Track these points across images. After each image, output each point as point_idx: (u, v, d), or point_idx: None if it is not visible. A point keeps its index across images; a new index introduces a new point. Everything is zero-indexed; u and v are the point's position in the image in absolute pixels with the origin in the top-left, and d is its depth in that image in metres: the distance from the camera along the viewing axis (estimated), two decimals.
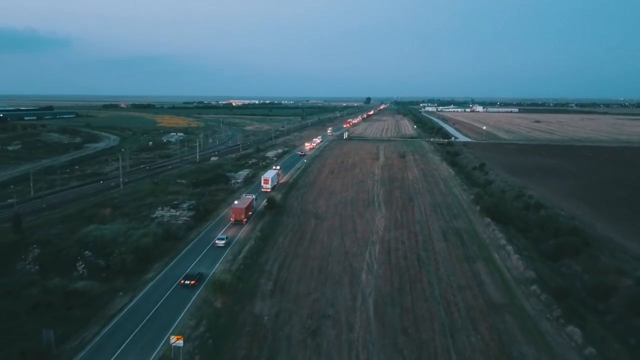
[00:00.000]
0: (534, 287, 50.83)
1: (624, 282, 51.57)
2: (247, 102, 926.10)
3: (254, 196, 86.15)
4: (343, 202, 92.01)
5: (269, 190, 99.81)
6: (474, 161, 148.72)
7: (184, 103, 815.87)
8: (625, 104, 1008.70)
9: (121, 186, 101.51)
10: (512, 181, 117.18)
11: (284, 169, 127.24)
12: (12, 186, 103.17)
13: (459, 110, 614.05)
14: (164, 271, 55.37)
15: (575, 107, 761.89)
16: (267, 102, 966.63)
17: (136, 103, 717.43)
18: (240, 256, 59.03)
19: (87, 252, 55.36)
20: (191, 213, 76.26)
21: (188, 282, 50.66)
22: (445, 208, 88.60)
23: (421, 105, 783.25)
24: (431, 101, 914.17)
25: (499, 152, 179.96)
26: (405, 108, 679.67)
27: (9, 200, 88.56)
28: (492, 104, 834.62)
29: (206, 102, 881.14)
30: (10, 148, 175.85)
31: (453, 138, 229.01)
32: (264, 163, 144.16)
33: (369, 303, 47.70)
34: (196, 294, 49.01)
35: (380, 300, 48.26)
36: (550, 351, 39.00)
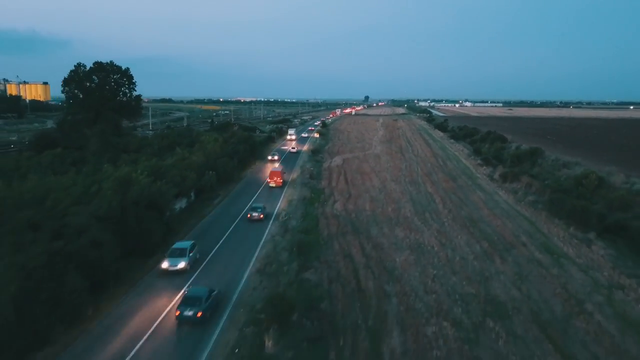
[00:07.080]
0: (451, 139, 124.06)
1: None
2: (254, 99, 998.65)
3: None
4: (360, 130, 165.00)
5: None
6: (442, 120, 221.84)
7: (196, 99, 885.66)
8: (608, 104, 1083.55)
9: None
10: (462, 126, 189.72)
11: (316, 125, 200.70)
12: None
13: (450, 105, 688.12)
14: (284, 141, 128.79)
15: (559, 104, 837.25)
16: (272, 100, 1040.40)
17: (156, 98, 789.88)
18: (316, 138, 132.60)
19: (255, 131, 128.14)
20: (274, 134, 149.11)
21: (307, 135, 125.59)
22: (416, 131, 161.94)
23: (416, 101, 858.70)
24: (427, 100, 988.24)
25: (463, 120, 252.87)
26: (401, 103, 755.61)
27: (174, 126, 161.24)
28: (484, 102, 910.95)
29: (215, 99, 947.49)
30: None
31: (434, 113, 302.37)
32: (302, 120, 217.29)
33: (377, 141, 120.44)
34: (309, 138, 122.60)
35: (381, 141, 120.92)
36: (445, 150, 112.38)
